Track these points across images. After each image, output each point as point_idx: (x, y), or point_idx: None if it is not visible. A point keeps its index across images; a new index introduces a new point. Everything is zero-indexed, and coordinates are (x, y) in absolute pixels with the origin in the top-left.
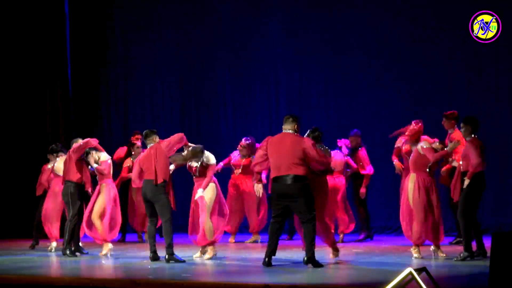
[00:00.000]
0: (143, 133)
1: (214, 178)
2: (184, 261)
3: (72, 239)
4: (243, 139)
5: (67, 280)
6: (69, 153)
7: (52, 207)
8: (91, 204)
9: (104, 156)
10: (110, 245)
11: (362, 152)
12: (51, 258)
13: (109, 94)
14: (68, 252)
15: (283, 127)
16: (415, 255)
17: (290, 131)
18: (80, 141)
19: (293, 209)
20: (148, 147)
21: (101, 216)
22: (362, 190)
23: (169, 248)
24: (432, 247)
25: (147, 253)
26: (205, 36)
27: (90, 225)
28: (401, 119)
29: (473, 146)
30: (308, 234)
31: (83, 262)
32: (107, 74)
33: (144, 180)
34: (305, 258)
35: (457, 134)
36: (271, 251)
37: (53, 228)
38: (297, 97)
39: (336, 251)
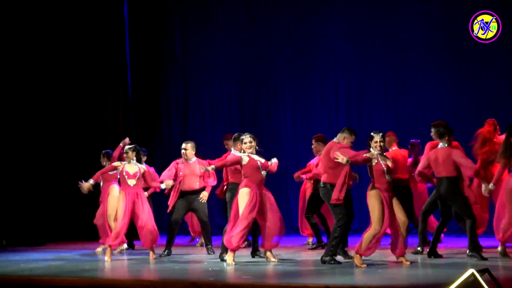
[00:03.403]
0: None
1: None
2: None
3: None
4: None
5: (128, 282)
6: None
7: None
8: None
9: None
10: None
11: None
12: (112, 261)
13: (169, 98)
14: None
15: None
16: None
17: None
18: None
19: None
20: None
21: None
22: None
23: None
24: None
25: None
26: (264, 37)
27: None
28: (464, 120)
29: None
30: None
31: (144, 265)
32: (166, 78)
33: None
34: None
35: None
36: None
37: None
38: (356, 97)
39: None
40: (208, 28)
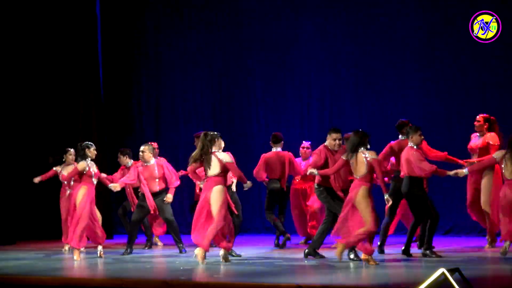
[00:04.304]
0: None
1: None
2: None
3: None
4: (304, 142)
5: (98, 281)
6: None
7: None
8: None
9: None
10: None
11: None
12: (82, 259)
13: (141, 98)
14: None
15: None
16: None
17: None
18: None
19: None
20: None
21: None
22: None
23: None
24: None
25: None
26: (237, 38)
27: None
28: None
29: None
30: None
31: (115, 263)
32: (138, 78)
33: None
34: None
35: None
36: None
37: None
38: (329, 99)
39: None
40: (181, 30)
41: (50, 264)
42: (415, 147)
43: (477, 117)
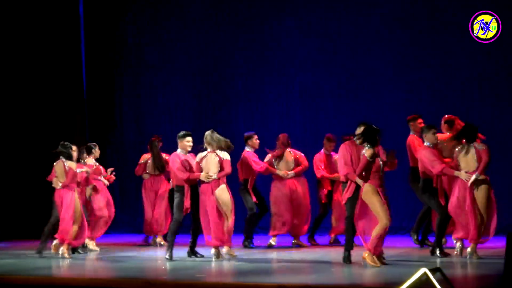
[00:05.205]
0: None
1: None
2: None
3: None
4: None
5: (81, 280)
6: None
7: None
8: None
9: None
10: None
11: None
12: (65, 260)
13: (123, 97)
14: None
15: None
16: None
17: None
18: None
19: None
20: None
21: None
22: None
23: None
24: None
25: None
26: (219, 36)
27: None
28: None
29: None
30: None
31: (98, 263)
32: (121, 77)
33: None
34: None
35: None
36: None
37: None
38: (312, 96)
39: None
40: (164, 29)
41: (33, 263)
42: (430, 145)
43: None
